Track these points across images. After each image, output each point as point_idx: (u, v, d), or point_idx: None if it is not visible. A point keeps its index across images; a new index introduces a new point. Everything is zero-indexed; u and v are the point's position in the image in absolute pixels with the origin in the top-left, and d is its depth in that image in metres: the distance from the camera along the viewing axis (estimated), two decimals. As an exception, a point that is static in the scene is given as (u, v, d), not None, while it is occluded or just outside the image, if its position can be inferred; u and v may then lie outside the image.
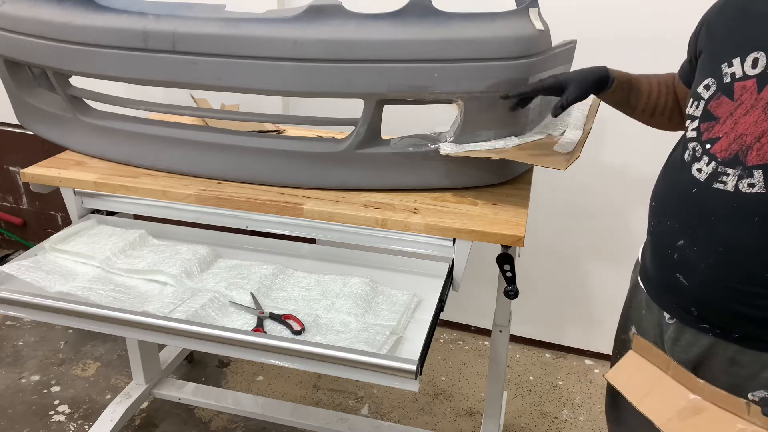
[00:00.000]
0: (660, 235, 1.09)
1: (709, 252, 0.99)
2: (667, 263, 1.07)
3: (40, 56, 1.51)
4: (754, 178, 0.92)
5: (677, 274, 1.05)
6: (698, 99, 1.02)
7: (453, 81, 1.30)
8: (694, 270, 1.01)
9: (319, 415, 1.91)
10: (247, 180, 1.51)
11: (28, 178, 1.57)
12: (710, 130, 0.99)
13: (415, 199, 1.45)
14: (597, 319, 2.36)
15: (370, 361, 1.08)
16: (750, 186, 0.93)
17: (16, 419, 2.07)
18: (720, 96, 0.98)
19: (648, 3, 1.86)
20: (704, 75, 1.02)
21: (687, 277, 1.03)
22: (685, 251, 1.02)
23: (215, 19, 1.36)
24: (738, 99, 0.96)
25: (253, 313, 1.27)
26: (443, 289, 1.33)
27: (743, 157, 0.93)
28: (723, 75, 0.98)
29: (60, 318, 1.25)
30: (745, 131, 0.94)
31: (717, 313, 1.01)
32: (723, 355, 1.02)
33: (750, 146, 0.93)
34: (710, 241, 0.98)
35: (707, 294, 1.01)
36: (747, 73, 0.95)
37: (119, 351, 2.39)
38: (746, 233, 0.94)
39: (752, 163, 0.92)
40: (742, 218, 0.94)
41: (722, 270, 0.98)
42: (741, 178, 0.94)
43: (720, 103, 0.98)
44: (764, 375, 0.98)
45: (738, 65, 0.96)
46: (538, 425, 2.10)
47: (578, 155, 1.34)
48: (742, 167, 0.94)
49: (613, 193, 2.12)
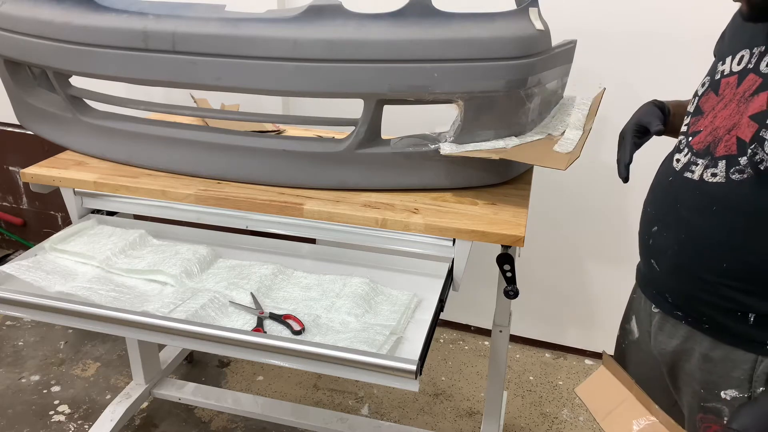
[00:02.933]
0: (642, 223, 1.12)
1: (675, 238, 1.01)
2: (645, 250, 1.10)
3: (40, 56, 1.51)
4: (718, 167, 0.94)
5: (651, 260, 1.08)
6: (695, 96, 1.05)
7: (453, 81, 1.30)
8: (664, 256, 1.04)
9: (319, 415, 1.91)
10: (247, 180, 1.51)
11: (28, 178, 1.57)
12: (695, 124, 1.02)
13: (415, 199, 1.45)
14: (597, 319, 2.36)
15: (370, 361, 1.08)
16: (713, 175, 0.95)
17: (16, 419, 2.07)
18: (709, 92, 1.01)
19: (648, 3, 1.86)
20: (706, 74, 1.05)
21: (659, 264, 1.06)
22: (657, 237, 1.05)
23: (215, 19, 1.36)
24: (721, 94, 0.98)
25: (253, 313, 1.27)
26: (443, 289, 1.33)
27: (714, 148, 0.96)
28: (716, 73, 1.01)
29: (60, 318, 1.25)
30: (720, 124, 0.96)
31: (685, 300, 1.03)
32: (698, 351, 1.03)
33: (721, 138, 0.95)
34: (676, 227, 1.01)
35: (675, 281, 1.04)
36: (733, 70, 0.98)
37: (119, 351, 2.39)
38: (706, 222, 0.96)
39: (719, 154, 0.94)
40: (703, 206, 0.96)
41: (685, 257, 1.00)
42: (707, 168, 0.96)
43: (708, 99, 1.01)
44: (735, 374, 0.98)
45: (729, 63, 0.99)
46: (538, 425, 2.10)
47: (578, 155, 1.34)
48: (710, 157, 0.96)
49: (613, 193, 2.12)
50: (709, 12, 1.80)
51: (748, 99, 0.92)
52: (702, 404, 1.04)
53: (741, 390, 0.98)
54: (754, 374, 0.96)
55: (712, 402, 1.02)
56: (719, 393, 1.00)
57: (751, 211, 0.91)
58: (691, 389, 1.06)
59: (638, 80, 1.93)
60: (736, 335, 0.97)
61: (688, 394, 1.07)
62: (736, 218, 0.93)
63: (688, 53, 1.85)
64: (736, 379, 0.98)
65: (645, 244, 1.09)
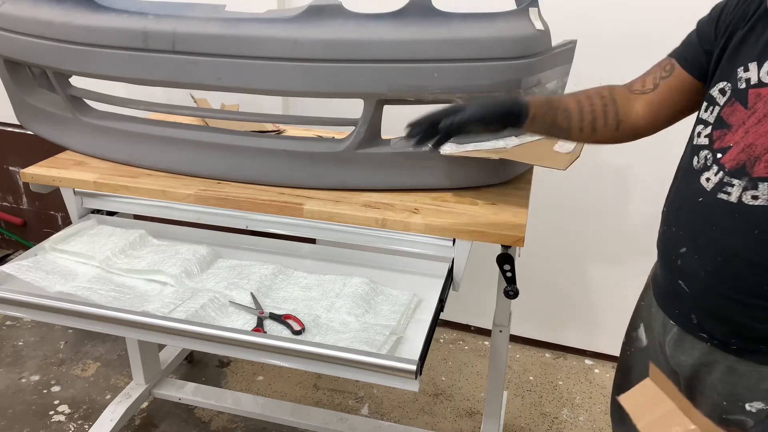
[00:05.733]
0: (666, 242, 1.08)
1: (709, 261, 0.97)
2: (670, 269, 1.06)
3: (40, 56, 1.51)
4: (759, 190, 0.89)
5: (679, 280, 1.04)
6: (713, 104, 0.98)
7: (453, 81, 1.30)
8: (695, 277, 1.01)
9: (319, 415, 1.91)
10: (247, 180, 1.51)
11: (28, 178, 1.57)
12: (722, 139, 0.95)
13: (415, 199, 1.45)
14: (597, 319, 2.36)
15: (370, 361, 1.08)
16: (753, 198, 0.90)
17: (16, 419, 2.07)
18: (734, 102, 0.94)
19: (648, 2, 1.86)
20: (721, 77, 0.97)
21: (688, 284, 1.02)
22: (687, 259, 1.01)
23: (215, 19, 1.36)
24: (752, 107, 0.91)
25: (253, 313, 1.27)
26: (443, 289, 1.33)
27: (750, 168, 0.90)
28: (738, 80, 0.93)
29: (60, 318, 1.25)
30: (755, 141, 0.90)
31: (715, 322, 1.00)
32: (722, 363, 1.01)
33: (759, 157, 0.89)
34: (711, 249, 0.97)
35: (706, 303, 1.00)
36: (762, 81, 0.90)
37: (119, 351, 2.39)
38: (746, 245, 0.92)
39: (758, 175, 0.89)
40: (743, 230, 0.92)
41: (721, 279, 0.97)
42: (746, 190, 0.91)
43: (733, 110, 0.94)
44: (762, 387, 0.97)
45: (754, 71, 0.91)
46: (538, 425, 2.10)
47: (578, 155, 1.34)
48: (747, 178, 0.90)
49: (613, 193, 2.12)
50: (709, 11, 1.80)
51: None
52: (724, 416, 1.02)
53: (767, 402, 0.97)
54: None
55: (736, 414, 1.00)
56: (744, 405, 0.99)
57: None
58: (711, 401, 1.04)
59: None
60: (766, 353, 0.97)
61: (706, 405, 1.05)
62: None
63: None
64: (764, 392, 0.97)
65: (671, 264, 1.05)
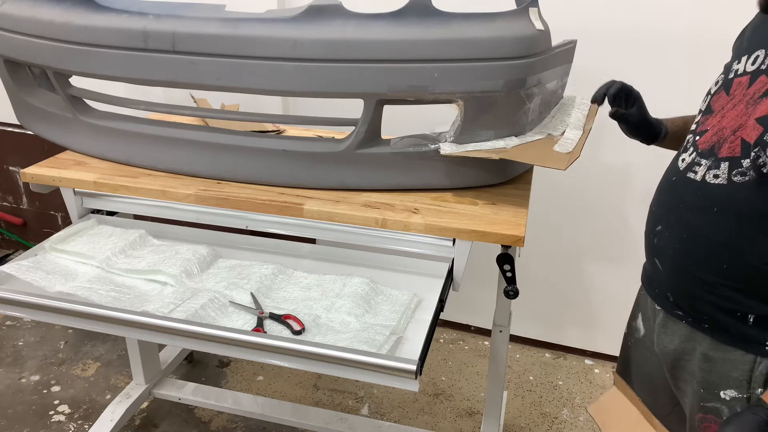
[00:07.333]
0: (648, 222, 1.12)
1: (677, 237, 1.01)
2: (649, 248, 1.11)
3: (40, 56, 1.51)
4: (720, 169, 0.94)
5: (655, 258, 1.08)
6: (708, 94, 1.05)
7: (453, 81, 1.30)
8: (666, 255, 1.05)
9: (319, 415, 1.91)
10: (247, 180, 1.51)
11: (28, 178, 1.57)
12: (703, 123, 1.02)
13: (415, 199, 1.45)
14: (597, 319, 2.36)
15: (370, 361, 1.08)
16: (715, 177, 0.95)
17: (16, 419, 2.07)
18: (721, 90, 1.01)
19: (648, 2, 1.86)
20: (720, 72, 1.05)
21: (662, 262, 1.06)
22: (661, 237, 1.06)
23: (215, 19, 1.36)
24: (732, 93, 0.98)
25: (253, 313, 1.27)
26: (443, 289, 1.33)
27: (718, 149, 0.96)
28: (730, 71, 1.01)
29: (60, 318, 1.25)
30: (727, 124, 0.96)
31: (686, 299, 1.03)
32: (699, 350, 1.03)
33: (726, 139, 0.95)
34: (678, 226, 1.01)
35: (676, 280, 1.04)
36: (746, 70, 0.97)
37: (119, 351, 2.39)
38: (706, 222, 0.96)
39: (722, 155, 0.94)
40: (704, 207, 0.96)
41: (686, 257, 1.00)
42: (710, 169, 0.96)
43: (719, 98, 1.01)
44: (734, 375, 0.98)
45: (744, 63, 0.98)
46: (538, 425, 2.10)
47: (578, 155, 1.34)
48: (714, 158, 0.96)
49: (613, 193, 2.12)
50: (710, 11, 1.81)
51: (757, 101, 0.92)
52: (702, 404, 1.04)
53: (740, 390, 0.98)
54: (752, 374, 0.96)
55: (712, 402, 1.02)
56: (719, 393, 1.00)
57: (752, 213, 0.91)
58: (691, 389, 1.06)
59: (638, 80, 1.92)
60: (736, 335, 0.97)
61: (689, 393, 1.07)
62: (736, 220, 0.93)
63: (688, 53, 1.86)
64: (735, 380, 0.98)
65: (650, 243, 1.10)
